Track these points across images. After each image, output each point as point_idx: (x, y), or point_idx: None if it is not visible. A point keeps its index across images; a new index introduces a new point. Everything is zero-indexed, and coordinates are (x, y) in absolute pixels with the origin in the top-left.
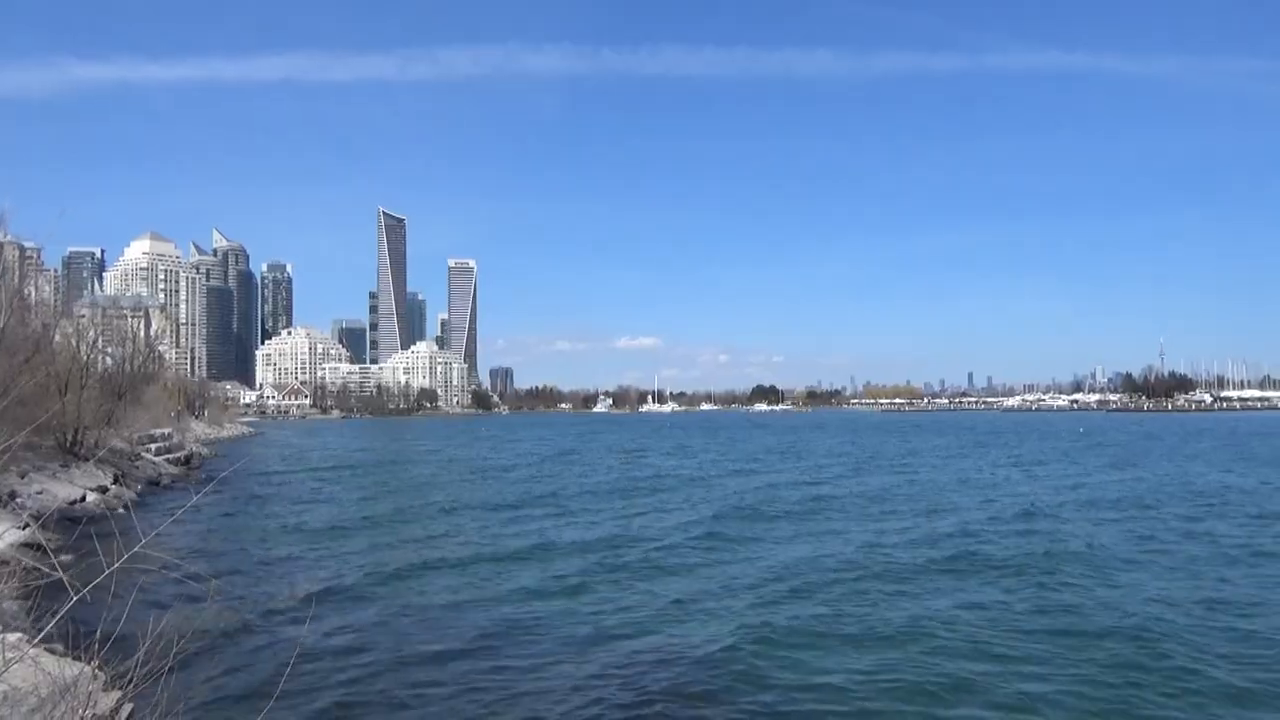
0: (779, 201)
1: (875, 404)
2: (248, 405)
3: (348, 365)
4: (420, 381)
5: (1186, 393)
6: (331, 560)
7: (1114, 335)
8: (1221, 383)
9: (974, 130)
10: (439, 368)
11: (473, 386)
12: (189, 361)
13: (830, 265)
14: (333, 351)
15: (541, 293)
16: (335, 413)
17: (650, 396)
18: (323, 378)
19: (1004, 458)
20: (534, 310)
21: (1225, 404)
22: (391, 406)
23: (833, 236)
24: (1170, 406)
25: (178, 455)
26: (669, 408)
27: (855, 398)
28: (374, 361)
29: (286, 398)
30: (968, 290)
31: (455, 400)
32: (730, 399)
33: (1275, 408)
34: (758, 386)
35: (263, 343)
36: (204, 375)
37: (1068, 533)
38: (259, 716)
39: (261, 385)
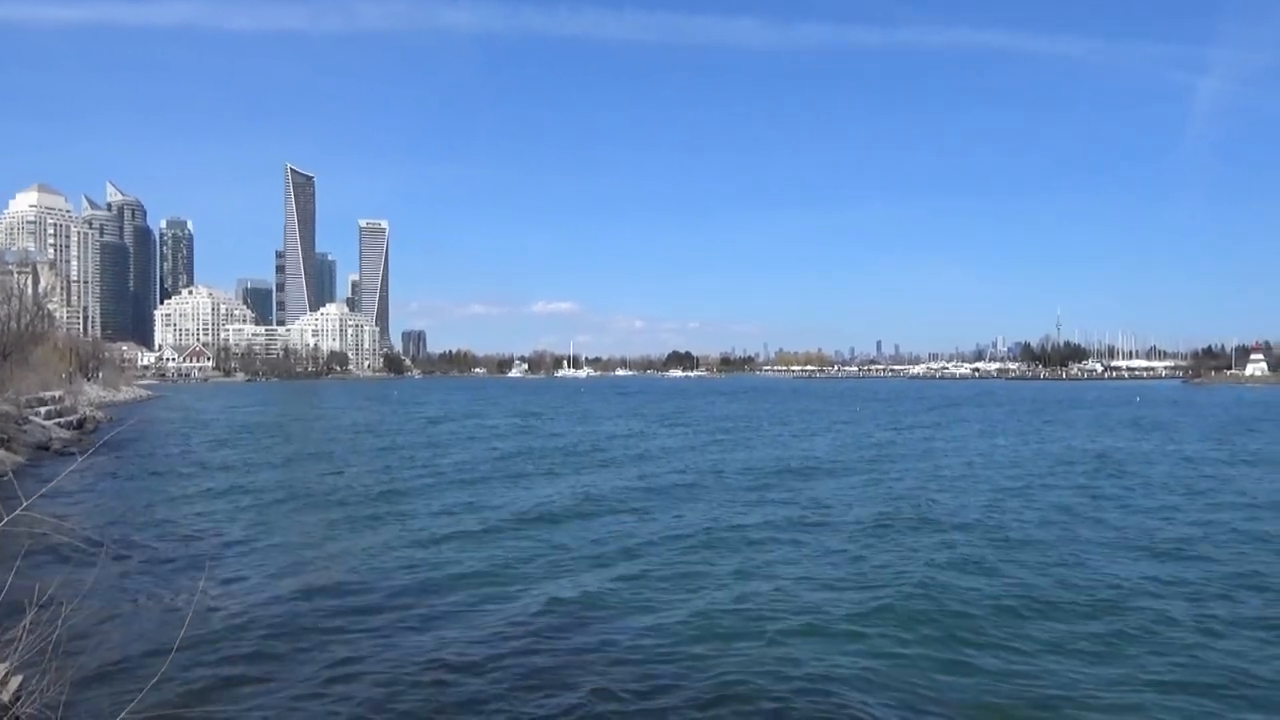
0: (697, 169)
1: (788, 370)
2: (146, 367)
3: (253, 327)
4: (330, 344)
5: (1080, 362)
6: (227, 524)
7: (1015, 307)
8: (1112, 352)
9: (888, 105)
10: (349, 330)
11: (384, 350)
12: (82, 321)
13: (745, 234)
14: (237, 312)
15: (456, 255)
16: (240, 376)
17: (566, 362)
18: (226, 339)
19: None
20: (449, 273)
21: (1115, 373)
22: (300, 369)
23: (748, 205)
24: (1065, 375)
25: (69, 419)
26: (584, 373)
27: (768, 364)
28: (281, 323)
29: (188, 360)
30: (878, 261)
31: (366, 364)
32: (646, 365)
33: (1159, 376)
34: (673, 353)
35: (162, 302)
36: (98, 335)
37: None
38: (153, 680)
39: (161, 347)
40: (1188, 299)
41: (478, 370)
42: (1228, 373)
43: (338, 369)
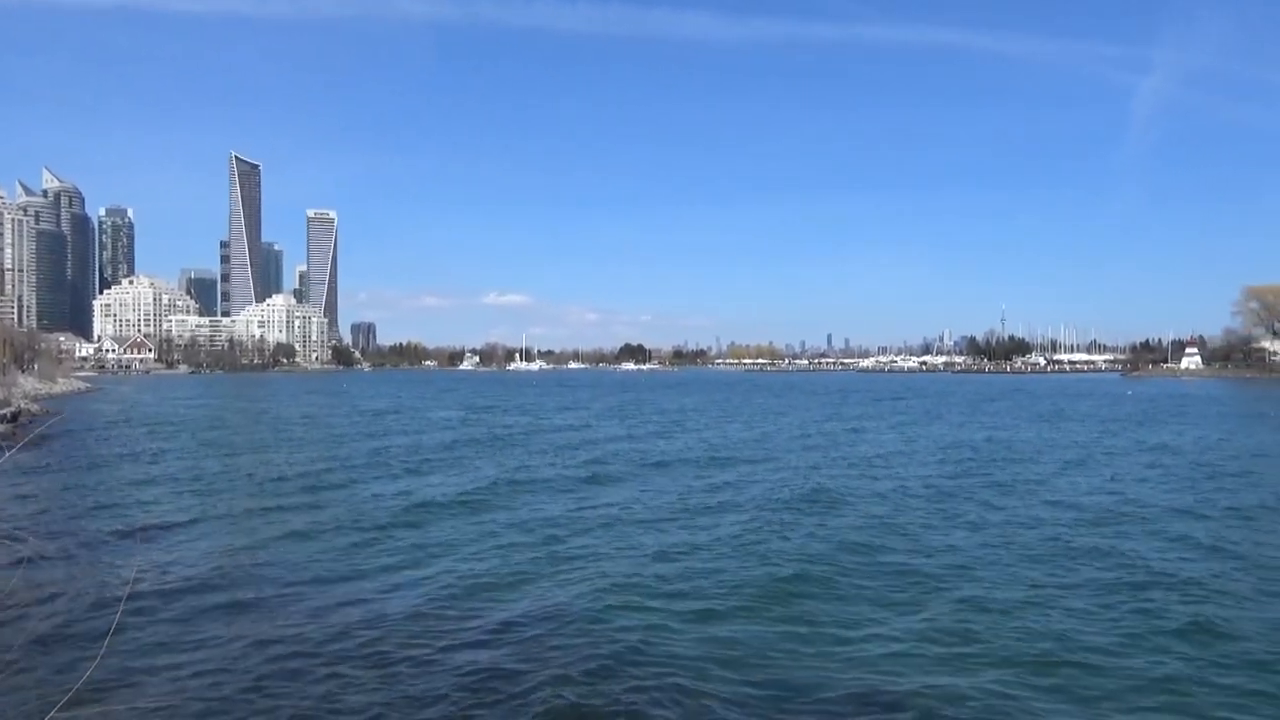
0: (652, 162)
1: (739, 364)
2: (84, 359)
3: (197, 318)
4: (276, 336)
5: (1024, 355)
6: (158, 513)
7: (962, 301)
8: (1054, 346)
9: (841, 101)
10: (297, 322)
11: (333, 342)
12: (16, 311)
13: (698, 228)
14: (180, 303)
15: (407, 247)
16: (183, 368)
17: (518, 354)
18: (169, 330)
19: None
20: (399, 264)
21: (1056, 366)
22: (245, 362)
23: (702, 199)
24: (1009, 368)
25: (2, 412)
26: (537, 366)
27: (720, 358)
28: (226, 314)
29: (128, 351)
30: (829, 256)
31: (315, 356)
32: (598, 358)
33: (1099, 370)
34: (625, 345)
35: (101, 292)
36: (34, 326)
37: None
38: (89, 670)
39: (100, 338)
40: (1127, 295)
41: (428, 363)
42: (1164, 366)
43: (284, 361)
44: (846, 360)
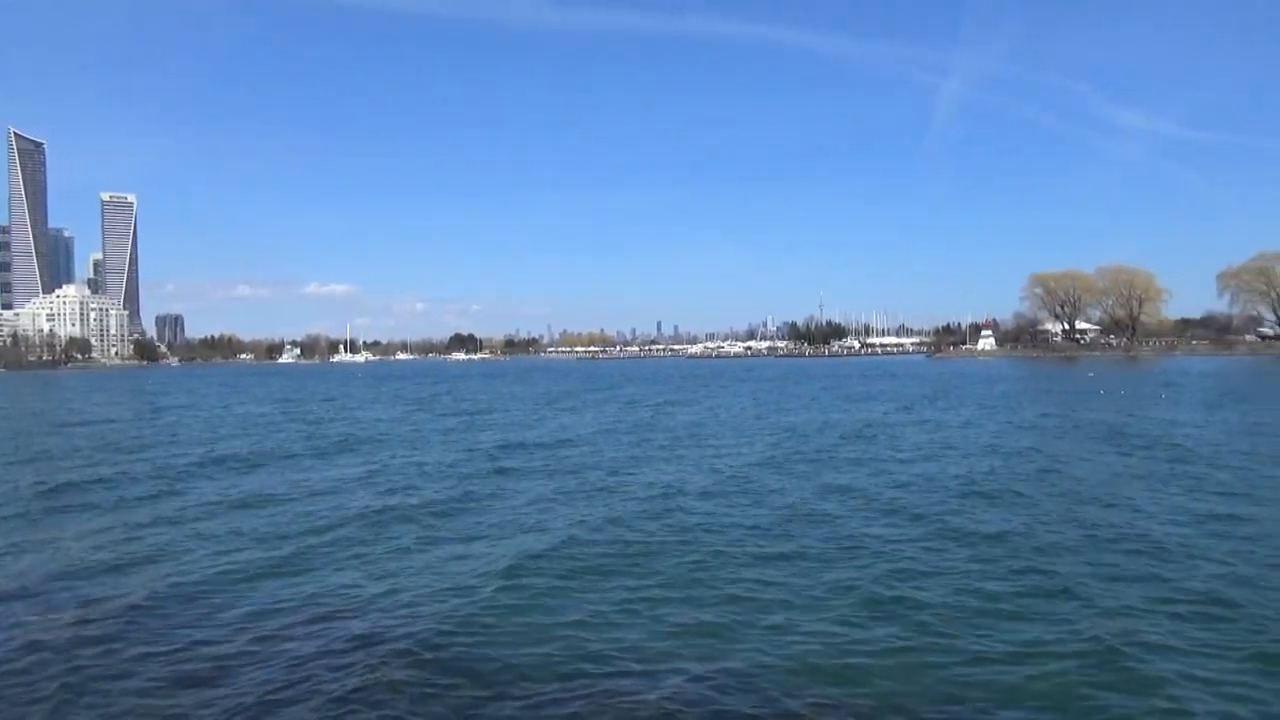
0: (479, 147)
1: (572, 351)
2: None
3: None
4: (69, 330)
5: (840, 339)
6: None
7: (784, 288)
8: (868, 330)
9: (664, 89)
10: (92, 314)
11: (135, 336)
12: None
13: (528, 214)
14: None
15: (219, 234)
16: None
17: (343, 346)
18: None
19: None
20: (210, 252)
21: (870, 349)
22: (33, 358)
23: (531, 186)
24: (827, 352)
25: None
26: (362, 358)
27: (552, 346)
28: (7, 307)
29: None
30: (658, 243)
31: (114, 351)
32: (428, 348)
33: (908, 352)
34: (455, 335)
35: None
36: None
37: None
38: None
39: None
40: (933, 281)
41: (244, 356)
42: (964, 347)
43: (79, 357)
44: (676, 347)
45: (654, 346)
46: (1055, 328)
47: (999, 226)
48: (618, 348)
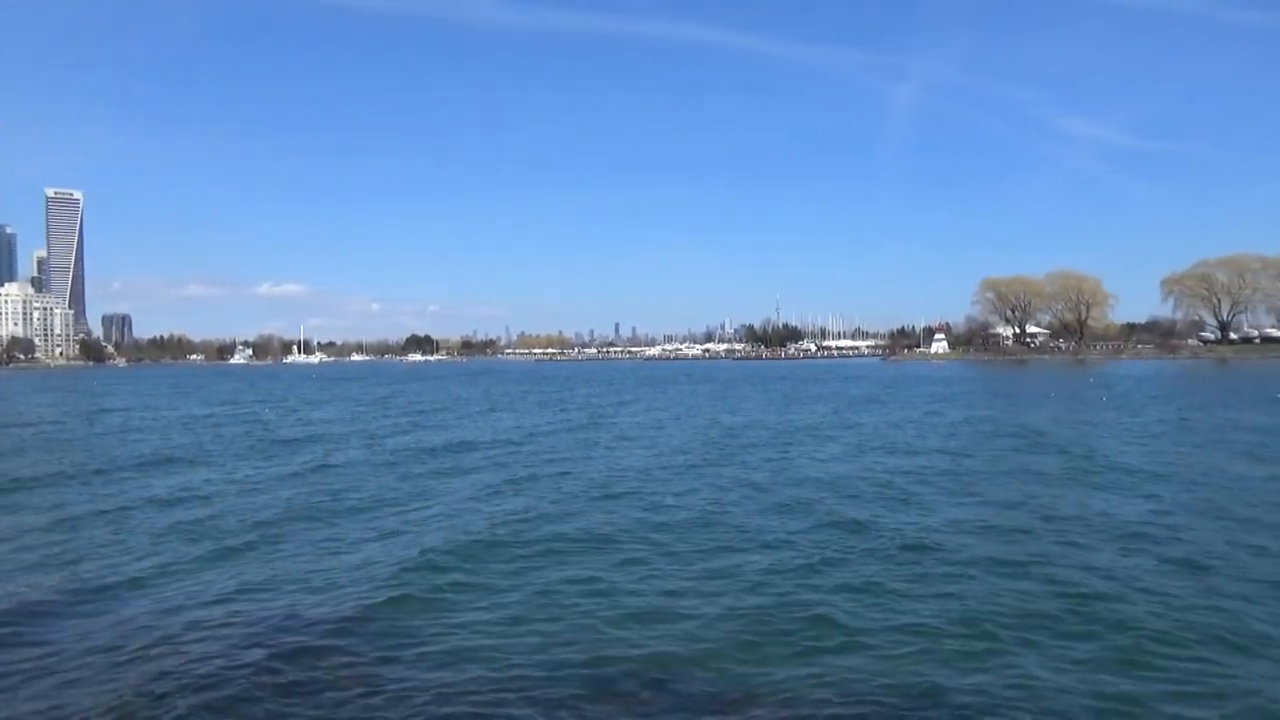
0: (435, 147)
1: (529, 353)
2: None
3: None
4: (11, 329)
5: (797, 342)
6: None
7: (742, 290)
8: (824, 333)
9: (623, 91)
10: (35, 313)
11: (81, 335)
12: None
13: (488, 216)
14: None
15: (169, 232)
16: None
17: (296, 347)
18: None
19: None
20: (159, 250)
21: (826, 352)
22: None
23: (487, 186)
24: (784, 355)
25: None
26: (317, 358)
27: (510, 347)
28: None
29: None
30: (615, 245)
31: (59, 351)
32: (383, 349)
33: (863, 355)
34: (411, 336)
35: None
36: None
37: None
38: None
39: None
40: (888, 284)
41: (195, 357)
42: (917, 350)
43: (21, 358)
44: (634, 349)
45: (612, 348)
46: (1006, 331)
47: (952, 231)
48: (576, 350)
